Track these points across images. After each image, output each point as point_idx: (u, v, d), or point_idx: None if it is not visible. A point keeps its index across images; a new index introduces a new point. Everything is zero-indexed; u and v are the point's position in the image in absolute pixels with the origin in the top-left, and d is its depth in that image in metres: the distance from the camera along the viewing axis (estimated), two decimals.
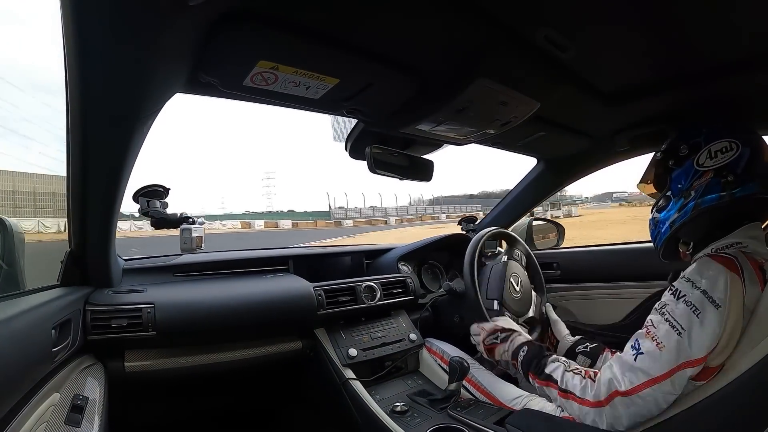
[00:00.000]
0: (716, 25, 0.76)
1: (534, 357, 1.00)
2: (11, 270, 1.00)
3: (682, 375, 0.74)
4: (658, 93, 1.03)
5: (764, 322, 0.71)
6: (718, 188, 0.84)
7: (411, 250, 1.73)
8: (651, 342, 0.77)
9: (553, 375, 0.92)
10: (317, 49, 0.73)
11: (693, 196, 0.87)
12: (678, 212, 0.90)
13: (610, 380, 0.81)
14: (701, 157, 0.87)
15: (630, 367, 0.79)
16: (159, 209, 1.07)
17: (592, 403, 0.82)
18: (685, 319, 0.74)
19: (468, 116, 1.01)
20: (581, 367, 0.92)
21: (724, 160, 0.84)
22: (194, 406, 1.48)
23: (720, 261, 0.76)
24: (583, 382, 0.86)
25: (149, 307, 1.06)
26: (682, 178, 0.90)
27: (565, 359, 0.96)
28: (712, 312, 0.72)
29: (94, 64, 0.60)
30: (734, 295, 0.73)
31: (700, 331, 0.72)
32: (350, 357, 1.27)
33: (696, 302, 0.74)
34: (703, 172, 0.86)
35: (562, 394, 0.89)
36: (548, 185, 1.74)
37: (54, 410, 0.73)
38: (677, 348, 0.74)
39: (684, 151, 0.90)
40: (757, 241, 0.84)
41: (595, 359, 1.19)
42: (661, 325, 0.77)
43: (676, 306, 0.76)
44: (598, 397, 0.81)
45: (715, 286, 0.74)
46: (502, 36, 0.78)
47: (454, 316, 1.47)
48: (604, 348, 1.19)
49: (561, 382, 0.90)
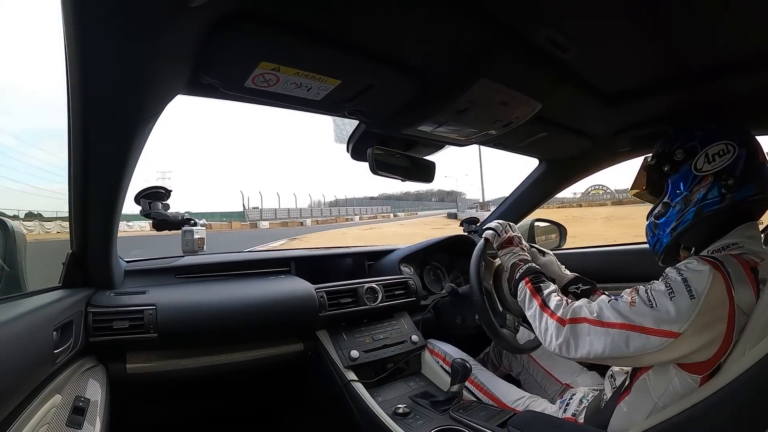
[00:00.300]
0: (716, 26, 0.76)
1: (538, 272, 1.05)
2: (13, 272, 1.00)
3: (637, 338, 0.78)
4: (658, 93, 1.03)
5: (762, 322, 0.71)
6: (718, 193, 0.84)
7: (413, 252, 1.73)
8: (629, 298, 0.82)
9: (543, 289, 0.98)
10: (319, 50, 0.73)
11: (694, 201, 0.86)
12: (679, 219, 0.89)
13: (579, 307, 0.88)
14: (699, 162, 0.86)
15: (603, 305, 0.85)
16: (160, 211, 1.07)
17: (557, 318, 0.89)
18: (659, 297, 0.78)
19: (469, 117, 1.01)
20: (568, 299, 0.96)
21: (722, 164, 0.84)
22: (196, 408, 1.48)
23: (707, 261, 0.77)
24: (560, 302, 0.93)
25: (151, 309, 1.06)
26: (680, 184, 0.89)
27: (557, 287, 1.02)
28: (684, 299, 0.75)
29: (96, 65, 0.60)
30: (712, 293, 0.74)
31: (666, 311, 0.76)
32: (352, 359, 1.26)
33: (674, 286, 0.77)
34: (702, 176, 0.86)
35: (541, 304, 0.95)
36: (550, 186, 1.74)
37: (55, 412, 0.73)
38: (642, 313, 0.78)
39: (680, 155, 0.89)
40: (754, 240, 0.84)
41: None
42: (642, 293, 0.81)
43: (658, 285, 0.80)
44: (565, 315, 0.89)
45: (696, 279, 0.75)
46: (503, 36, 0.78)
47: (457, 317, 1.46)
48: (595, 291, 1.20)
49: (545, 296, 0.96)
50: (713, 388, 0.72)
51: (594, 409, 1.00)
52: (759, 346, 0.68)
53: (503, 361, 1.45)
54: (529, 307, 0.98)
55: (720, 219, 0.86)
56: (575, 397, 1.07)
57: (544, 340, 0.91)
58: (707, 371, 0.75)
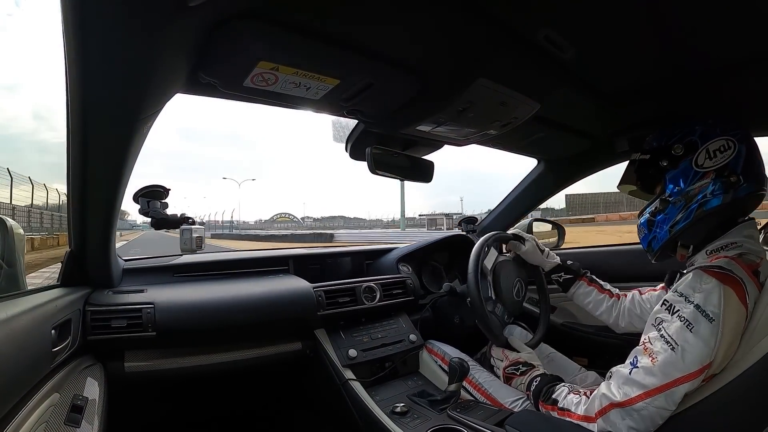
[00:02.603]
0: (716, 26, 0.76)
1: (544, 385, 1.00)
2: (11, 270, 1.00)
3: (677, 391, 0.73)
4: (658, 94, 1.03)
5: (762, 321, 0.71)
6: (721, 189, 0.82)
7: (411, 251, 1.73)
8: (647, 357, 0.77)
9: (557, 398, 0.93)
10: (318, 49, 0.73)
11: (697, 199, 0.84)
12: (679, 216, 0.87)
13: (603, 395, 0.81)
14: (699, 158, 0.84)
15: (626, 380, 0.79)
16: (159, 210, 1.07)
17: (582, 417, 0.84)
18: (679, 335, 0.74)
19: (468, 117, 1.01)
20: (584, 388, 0.92)
21: (723, 160, 0.82)
22: (193, 407, 1.48)
23: (713, 275, 0.75)
24: (578, 399, 0.87)
25: (149, 308, 1.06)
26: (679, 180, 0.87)
27: (571, 384, 0.97)
28: (705, 326, 0.72)
29: (95, 64, 0.60)
30: (729, 309, 0.72)
31: (693, 346, 0.72)
32: (350, 358, 1.27)
33: (689, 317, 0.74)
34: (704, 173, 0.84)
35: (560, 412, 0.90)
36: (548, 186, 1.74)
37: (54, 410, 0.73)
38: (672, 363, 0.73)
39: (678, 150, 0.87)
40: (753, 239, 0.83)
41: (567, 290, 1.25)
42: (656, 341, 0.77)
43: (671, 322, 0.76)
44: (591, 411, 0.83)
45: (708, 300, 0.73)
46: (503, 36, 0.78)
47: (455, 316, 1.46)
48: (579, 277, 1.22)
49: (561, 401, 0.91)
50: (713, 387, 0.72)
51: None
52: (759, 345, 0.69)
53: None
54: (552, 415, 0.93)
55: (720, 216, 0.85)
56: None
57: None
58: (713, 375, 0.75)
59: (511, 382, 1.14)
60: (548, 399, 0.95)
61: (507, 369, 1.16)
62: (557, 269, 1.27)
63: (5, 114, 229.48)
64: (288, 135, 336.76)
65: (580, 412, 0.84)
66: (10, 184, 15.38)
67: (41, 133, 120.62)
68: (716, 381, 0.73)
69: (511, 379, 1.14)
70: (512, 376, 1.14)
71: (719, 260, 0.79)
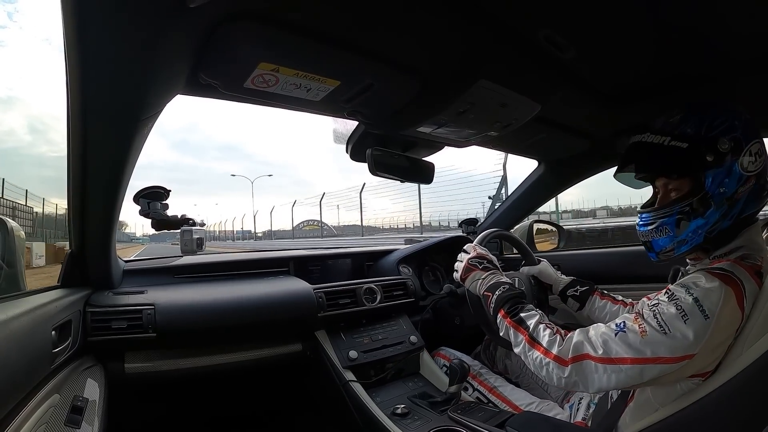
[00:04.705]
0: (716, 26, 0.76)
1: (512, 298, 0.94)
2: (12, 271, 1.00)
3: (654, 368, 0.73)
4: (658, 94, 1.02)
5: (760, 320, 0.71)
6: (758, 197, 0.78)
7: (412, 253, 1.73)
8: (636, 327, 0.76)
9: (526, 320, 0.88)
10: (318, 51, 0.73)
11: (739, 204, 0.78)
12: (719, 220, 0.79)
13: (580, 342, 0.79)
14: (745, 159, 0.77)
15: (608, 338, 0.77)
16: (159, 211, 1.07)
17: (554, 357, 0.80)
18: (672, 321, 0.73)
19: (469, 118, 1.01)
20: (555, 325, 0.87)
21: (761, 165, 0.77)
22: (194, 408, 1.48)
23: (716, 276, 0.74)
24: (552, 336, 0.83)
25: (149, 309, 1.06)
26: (725, 181, 0.77)
27: (542, 313, 0.91)
28: (699, 321, 0.71)
29: (95, 65, 0.60)
30: (725, 310, 0.71)
31: (682, 336, 0.71)
32: (351, 359, 1.26)
33: (686, 308, 0.73)
34: (748, 177, 0.77)
35: (529, 340, 0.85)
36: (549, 187, 1.74)
37: (54, 411, 0.73)
38: (659, 342, 0.73)
39: (725, 145, 0.76)
40: (759, 242, 0.82)
41: (584, 303, 1.18)
42: (650, 319, 0.76)
43: (667, 307, 0.75)
44: (564, 354, 0.79)
45: (707, 297, 0.72)
46: (503, 37, 0.78)
47: (455, 318, 1.46)
48: (593, 291, 1.18)
49: (532, 330, 0.86)
50: (711, 386, 0.72)
51: (601, 412, 0.99)
52: (756, 344, 0.68)
53: (497, 363, 1.44)
54: (516, 343, 0.88)
55: (746, 223, 0.81)
56: (583, 402, 1.06)
57: (545, 377, 0.82)
58: (710, 374, 0.75)
59: (468, 275, 1.07)
60: (515, 315, 0.90)
61: (471, 260, 1.09)
62: (572, 284, 1.25)
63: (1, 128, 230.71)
64: (302, 137, 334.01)
65: (554, 352, 0.80)
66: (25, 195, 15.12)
67: (38, 146, 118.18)
68: (715, 379, 0.73)
69: (470, 272, 1.07)
70: (473, 268, 1.07)
71: (722, 263, 0.78)
